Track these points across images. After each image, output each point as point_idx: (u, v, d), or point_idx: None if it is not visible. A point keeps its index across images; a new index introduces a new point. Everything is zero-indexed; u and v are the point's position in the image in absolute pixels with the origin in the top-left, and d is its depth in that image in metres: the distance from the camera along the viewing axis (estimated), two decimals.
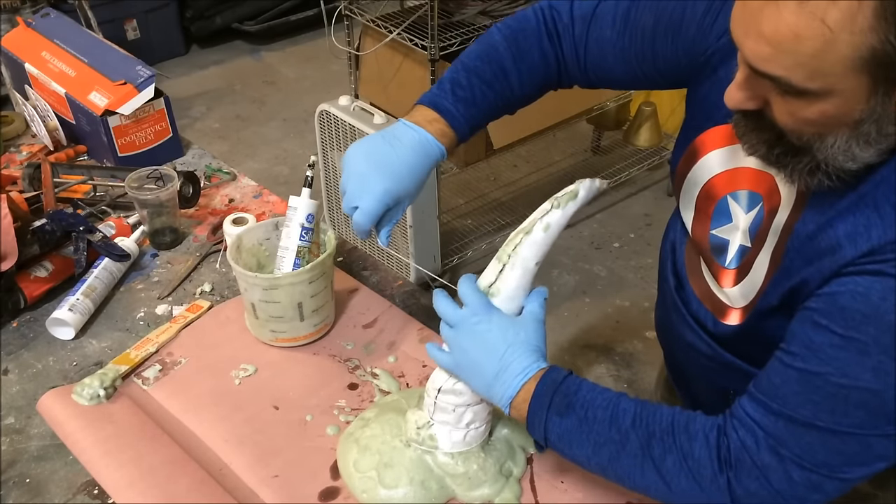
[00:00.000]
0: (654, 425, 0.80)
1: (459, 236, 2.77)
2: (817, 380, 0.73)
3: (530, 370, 0.85)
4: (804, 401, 0.74)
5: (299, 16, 4.29)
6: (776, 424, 0.75)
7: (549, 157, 3.25)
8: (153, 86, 1.56)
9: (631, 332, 2.51)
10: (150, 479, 0.94)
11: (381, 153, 0.96)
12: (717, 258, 0.94)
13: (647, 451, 0.80)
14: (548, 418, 0.83)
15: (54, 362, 1.16)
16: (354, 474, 0.95)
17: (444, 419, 0.93)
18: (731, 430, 0.78)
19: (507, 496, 0.94)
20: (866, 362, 0.71)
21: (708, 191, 0.94)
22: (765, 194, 0.87)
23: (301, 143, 3.50)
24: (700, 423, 0.80)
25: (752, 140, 0.78)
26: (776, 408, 0.75)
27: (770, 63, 0.68)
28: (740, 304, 0.91)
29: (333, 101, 2.40)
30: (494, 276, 0.89)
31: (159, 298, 1.28)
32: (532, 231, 0.87)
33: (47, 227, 1.26)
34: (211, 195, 1.54)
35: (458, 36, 2.24)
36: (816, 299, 0.75)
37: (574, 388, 0.84)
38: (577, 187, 0.88)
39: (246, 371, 1.12)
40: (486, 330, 0.86)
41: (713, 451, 0.78)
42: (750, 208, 0.89)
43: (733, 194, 0.91)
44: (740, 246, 0.91)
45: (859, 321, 0.71)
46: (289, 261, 1.12)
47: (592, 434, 0.82)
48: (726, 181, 0.91)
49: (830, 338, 0.72)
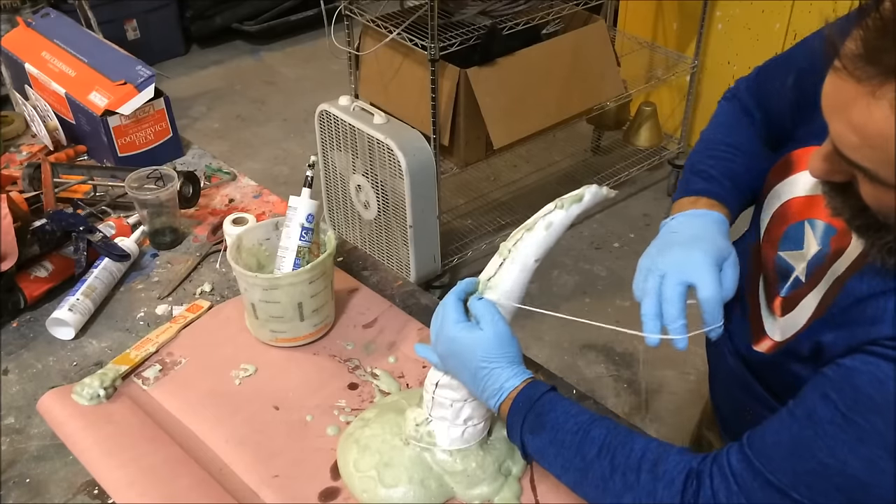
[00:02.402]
0: (620, 458, 0.79)
1: (459, 236, 2.77)
2: (806, 452, 0.71)
3: (504, 391, 0.85)
4: (788, 468, 0.72)
5: (299, 16, 4.29)
6: (753, 483, 0.73)
7: (549, 157, 3.25)
8: (153, 86, 1.56)
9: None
10: (150, 479, 0.94)
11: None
12: (779, 282, 0.90)
13: (609, 484, 0.79)
14: (522, 434, 0.85)
15: (54, 362, 1.16)
16: (354, 474, 0.95)
17: (443, 415, 0.93)
18: (706, 476, 0.76)
19: (507, 495, 0.94)
20: (861, 451, 0.68)
21: (785, 210, 0.90)
22: (840, 231, 0.83)
23: (301, 143, 3.50)
24: (671, 463, 0.77)
25: (836, 203, 0.74)
26: (758, 466, 0.73)
27: (856, 153, 0.65)
28: (777, 337, 0.89)
29: (333, 101, 2.40)
30: (494, 270, 0.90)
31: (159, 298, 1.28)
32: (534, 228, 0.88)
33: (47, 227, 1.26)
34: (211, 195, 1.54)
35: (458, 36, 2.24)
36: (835, 368, 0.72)
37: (548, 408, 0.83)
38: (584, 192, 0.88)
39: (246, 371, 1.12)
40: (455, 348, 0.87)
41: (677, 497, 0.76)
42: (823, 241, 0.85)
43: (811, 221, 0.86)
44: (796, 277, 0.87)
45: (867, 407, 0.68)
46: (289, 261, 1.12)
47: (559, 458, 0.83)
48: (804, 205, 0.88)
49: (833, 414, 0.70)
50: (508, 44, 2.36)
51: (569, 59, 2.52)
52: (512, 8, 2.46)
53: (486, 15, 2.42)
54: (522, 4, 2.48)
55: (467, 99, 2.30)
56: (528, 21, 2.38)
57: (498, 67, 2.34)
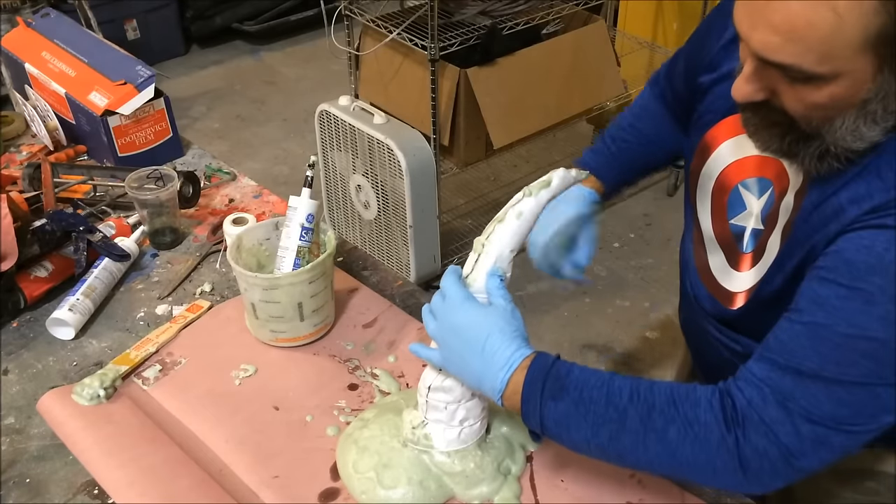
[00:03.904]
0: (652, 398, 0.80)
1: (459, 236, 2.77)
2: (824, 331, 0.74)
3: (514, 360, 0.84)
4: (811, 353, 0.75)
5: (299, 16, 4.29)
6: (783, 379, 0.76)
7: (549, 157, 3.25)
8: (153, 86, 1.56)
9: (631, 332, 2.51)
10: (150, 479, 0.94)
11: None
12: (738, 245, 0.96)
13: (648, 424, 0.79)
14: (542, 404, 0.82)
15: (54, 362, 1.16)
16: (353, 475, 0.95)
17: (438, 417, 0.93)
18: (735, 390, 0.78)
19: (507, 495, 0.94)
20: (873, 311, 0.72)
21: (721, 182, 0.96)
22: (774, 178, 0.90)
23: (301, 143, 3.50)
24: (700, 391, 0.80)
25: (763, 137, 0.80)
26: (783, 362, 0.76)
27: (780, 52, 0.70)
28: (752, 282, 0.93)
29: (333, 101, 2.40)
30: (471, 266, 0.90)
31: (159, 298, 1.28)
32: (505, 219, 0.88)
33: (47, 227, 1.26)
34: (211, 195, 1.54)
35: (458, 36, 2.24)
36: (823, 258, 0.77)
37: (565, 371, 0.83)
38: (551, 176, 0.89)
39: (246, 371, 1.12)
40: (462, 324, 0.86)
41: (718, 414, 0.78)
42: (761, 193, 0.92)
43: (743, 183, 0.94)
44: (753, 230, 0.93)
45: (865, 272, 0.72)
46: (289, 261, 1.12)
47: (590, 415, 0.81)
48: (736, 170, 0.94)
49: (836, 290, 0.74)
50: (508, 44, 2.36)
51: (569, 59, 2.52)
52: (512, 8, 2.46)
53: (486, 15, 2.42)
54: (522, 4, 2.48)
55: (467, 99, 2.30)
56: (528, 21, 2.38)
57: (498, 67, 2.34)
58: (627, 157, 1.18)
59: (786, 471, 0.76)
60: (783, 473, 0.77)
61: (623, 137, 1.18)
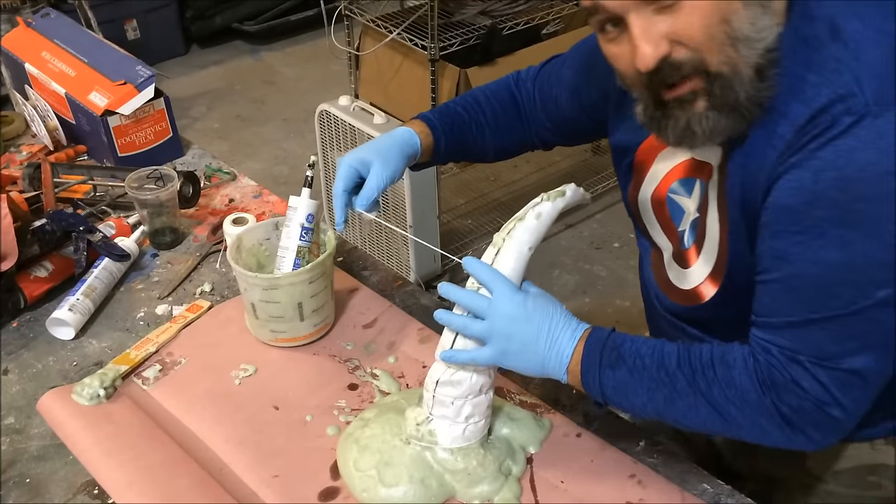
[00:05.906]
0: (695, 361, 0.83)
1: (459, 236, 2.77)
2: (796, 280, 0.77)
3: (577, 333, 0.88)
4: (795, 304, 0.77)
5: (299, 16, 4.30)
6: (783, 336, 0.79)
7: (549, 157, 3.24)
8: (153, 86, 1.56)
9: (631, 332, 2.50)
10: (150, 479, 0.94)
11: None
12: (680, 245, 0.98)
13: (695, 386, 0.82)
14: (601, 373, 0.86)
15: (54, 362, 1.16)
16: (354, 473, 0.95)
17: (444, 413, 0.93)
18: (756, 356, 0.81)
19: (507, 495, 0.94)
20: (827, 242, 0.74)
21: (657, 199, 0.99)
22: (696, 172, 0.92)
23: (301, 143, 3.50)
24: (737, 351, 0.82)
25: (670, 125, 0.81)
26: (776, 321, 0.79)
27: None
28: (707, 269, 0.94)
29: (333, 101, 2.40)
30: (490, 260, 0.91)
31: (159, 298, 1.28)
32: (525, 218, 0.91)
33: (47, 227, 1.26)
34: (211, 195, 1.54)
35: (458, 36, 2.24)
36: (765, 213, 0.79)
37: (620, 341, 0.87)
38: (565, 188, 0.92)
39: (246, 371, 1.12)
40: (525, 314, 0.87)
41: (753, 376, 0.80)
42: (690, 191, 0.94)
43: (671, 189, 0.96)
44: (692, 221, 0.95)
45: (804, 210, 0.75)
46: (289, 261, 1.12)
47: (644, 380, 0.85)
48: (665, 183, 0.97)
49: (789, 238, 0.76)
50: (508, 44, 2.36)
51: None
52: (512, 8, 2.47)
53: (486, 15, 2.42)
54: (522, 4, 2.49)
55: None
56: (528, 21, 2.38)
57: (498, 67, 2.34)
58: (467, 132, 1.15)
59: (827, 422, 0.79)
60: (826, 425, 0.79)
61: (465, 104, 1.16)
